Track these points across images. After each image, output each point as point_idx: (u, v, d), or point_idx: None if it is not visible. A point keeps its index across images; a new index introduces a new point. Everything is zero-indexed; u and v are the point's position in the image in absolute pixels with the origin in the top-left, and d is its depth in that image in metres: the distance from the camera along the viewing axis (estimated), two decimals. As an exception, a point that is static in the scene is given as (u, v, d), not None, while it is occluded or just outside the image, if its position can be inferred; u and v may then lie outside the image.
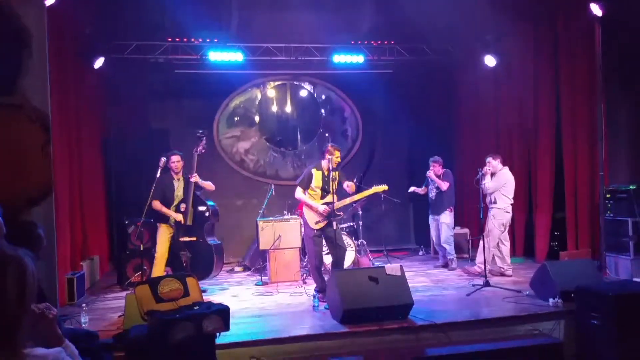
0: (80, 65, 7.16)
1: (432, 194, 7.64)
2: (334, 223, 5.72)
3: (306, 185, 5.88)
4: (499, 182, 6.70)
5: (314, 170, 5.92)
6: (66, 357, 1.68)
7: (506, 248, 6.80)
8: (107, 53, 7.84)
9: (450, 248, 7.53)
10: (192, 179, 6.21)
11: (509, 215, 6.77)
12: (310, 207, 5.84)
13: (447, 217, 7.50)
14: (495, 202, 6.71)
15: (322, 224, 5.80)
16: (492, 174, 6.77)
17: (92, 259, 7.23)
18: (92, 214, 7.48)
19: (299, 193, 5.92)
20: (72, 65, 6.65)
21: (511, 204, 6.78)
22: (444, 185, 7.45)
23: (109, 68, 7.98)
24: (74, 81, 6.72)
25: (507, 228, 6.87)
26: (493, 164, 6.80)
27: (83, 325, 4.90)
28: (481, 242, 6.74)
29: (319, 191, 5.89)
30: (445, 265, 7.60)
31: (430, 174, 7.53)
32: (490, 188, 6.71)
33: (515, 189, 8.09)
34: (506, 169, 6.85)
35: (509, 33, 8.06)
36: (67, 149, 6.38)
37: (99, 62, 7.64)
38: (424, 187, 7.87)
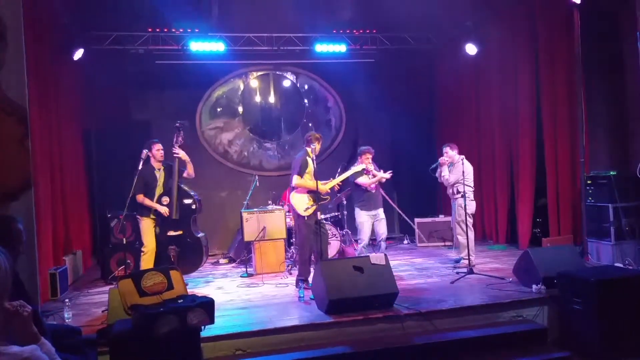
0: (58, 57, 7.02)
1: (372, 187, 6.70)
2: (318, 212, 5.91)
3: (303, 173, 5.98)
4: (459, 173, 6.59)
5: (307, 158, 6.04)
6: (41, 354, 1.65)
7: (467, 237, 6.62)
8: (86, 44, 7.70)
9: (385, 246, 6.77)
10: (176, 152, 6.06)
11: (474, 203, 6.79)
12: (308, 191, 5.94)
13: (383, 212, 6.76)
14: (458, 192, 6.64)
15: (311, 210, 5.90)
16: (449, 165, 6.76)
17: (74, 253, 7.14)
18: (74, 207, 7.38)
19: (298, 180, 5.95)
20: (50, 58, 6.51)
21: (472, 191, 6.77)
22: (383, 179, 6.74)
23: (88, 59, 7.84)
24: (52, 73, 6.59)
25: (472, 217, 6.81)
26: (450, 154, 6.77)
27: (67, 320, 4.86)
28: (457, 236, 6.77)
29: (313, 177, 6.00)
30: None
31: (370, 167, 6.69)
32: (451, 179, 6.69)
33: (498, 176, 8.21)
34: (463, 159, 6.68)
35: (489, 21, 8.09)
36: (47, 142, 6.27)
37: (78, 54, 7.50)
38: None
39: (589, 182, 6.52)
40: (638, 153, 6.19)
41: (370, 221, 6.70)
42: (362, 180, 6.65)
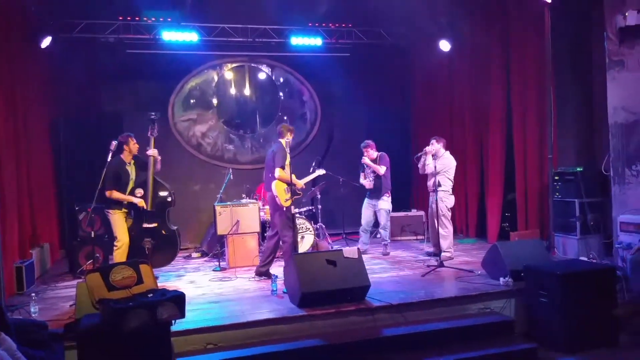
0: (25, 44, 6.82)
1: (370, 178, 7.41)
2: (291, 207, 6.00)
3: (283, 165, 5.97)
4: (444, 165, 6.70)
5: (285, 150, 6.04)
6: (1, 351, 1.62)
7: (449, 231, 6.81)
8: (54, 32, 7.50)
9: (385, 234, 7.40)
10: (150, 152, 6.03)
11: (453, 198, 6.87)
12: (287, 183, 5.94)
13: (385, 203, 7.34)
14: (440, 185, 6.65)
15: (290, 201, 5.96)
16: (433, 156, 6.79)
17: (42, 246, 6.99)
18: (41, 200, 7.21)
19: (280, 172, 5.94)
20: (16, 46, 6.33)
21: (452, 186, 6.84)
22: (381, 170, 7.27)
23: (56, 48, 7.64)
24: (19, 62, 6.41)
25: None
26: (436, 146, 6.82)
27: (33, 315, 4.76)
28: (440, 228, 6.66)
29: (288, 169, 6.00)
30: (365, 252, 7.27)
31: (365, 160, 7.36)
32: (437, 169, 6.64)
33: (469, 171, 8.33)
34: (448, 154, 6.87)
35: (463, 18, 8.17)
36: (13, 133, 6.10)
37: (45, 42, 7.30)
38: (362, 174, 7.59)
39: (556, 177, 6.67)
40: (604, 150, 6.35)
41: (370, 209, 7.49)
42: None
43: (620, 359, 4.52)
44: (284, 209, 5.98)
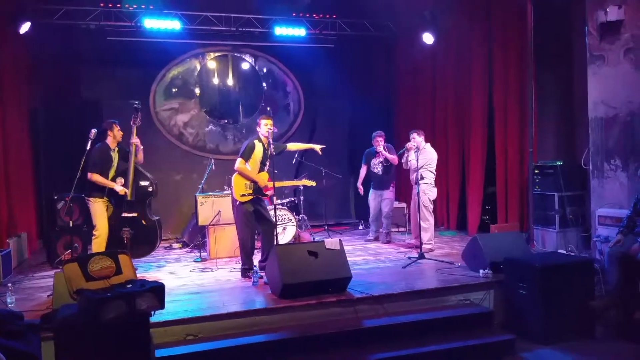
0: (2, 29, 6.66)
1: (379, 169, 7.55)
2: (273, 198, 5.82)
3: (248, 157, 5.69)
4: (427, 159, 6.77)
5: (256, 142, 5.76)
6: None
7: (430, 223, 6.88)
8: (34, 17, 7.32)
9: (388, 222, 7.65)
10: (134, 141, 5.89)
11: (436, 190, 6.93)
12: (247, 179, 5.68)
13: (391, 193, 7.58)
14: (422, 178, 6.69)
15: (247, 198, 5.67)
16: (416, 150, 6.79)
17: (19, 236, 6.88)
18: (19, 188, 7.09)
19: (240, 164, 5.65)
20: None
21: (434, 179, 6.90)
22: (397, 160, 7.36)
23: (36, 34, 7.46)
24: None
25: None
26: (417, 140, 6.85)
27: (9, 305, 4.68)
28: (421, 221, 6.65)
29: (258, 164, 5.76)
30: (376, 239, 7.74)
31: (380, 149, 7.43)
32: (419, 163, 6.67)
33: (451, 164, 8.38)
34: (429, 146, 6.94)
35: (446, 11, 8.19)
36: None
37: (24, 27, 7.11)
38: (363, 166, 7.72)
39: (536, 171, 6.74)
40: (583, 144, 6.43)
41: (376, 199, 7.64)
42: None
43: (595, 349, 4.60)
44: (238, 203, 5.67)
